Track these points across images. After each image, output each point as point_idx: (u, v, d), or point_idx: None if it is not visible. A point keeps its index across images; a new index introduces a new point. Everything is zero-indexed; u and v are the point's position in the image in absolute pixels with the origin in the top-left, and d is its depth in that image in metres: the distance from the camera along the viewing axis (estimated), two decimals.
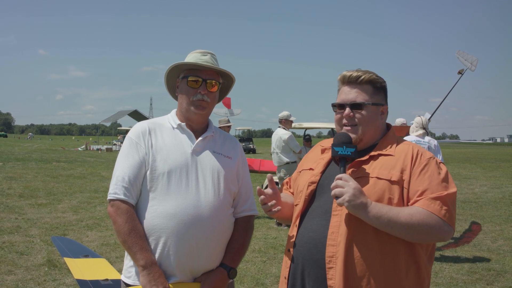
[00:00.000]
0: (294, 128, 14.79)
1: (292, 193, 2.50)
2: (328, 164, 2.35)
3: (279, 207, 2.27)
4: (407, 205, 2.05)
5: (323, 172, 2.32)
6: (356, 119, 2.23)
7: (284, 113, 10.07)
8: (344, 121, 2.26)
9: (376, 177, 2.11)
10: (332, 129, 15.75)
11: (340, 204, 2.04)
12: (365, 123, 2.23)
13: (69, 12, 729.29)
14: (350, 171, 2.19)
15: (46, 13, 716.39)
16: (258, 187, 2.31)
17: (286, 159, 9.70)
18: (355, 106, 2.23)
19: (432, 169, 2.09)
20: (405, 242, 2.04)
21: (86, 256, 4.08)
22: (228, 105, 18.57)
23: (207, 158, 2.50)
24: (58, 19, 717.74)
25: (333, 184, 2.08)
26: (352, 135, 2.24)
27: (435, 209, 1.99)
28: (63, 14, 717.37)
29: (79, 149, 46.63)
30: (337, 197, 2.04)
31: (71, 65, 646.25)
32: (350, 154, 2.19)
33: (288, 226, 9.61)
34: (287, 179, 2.68)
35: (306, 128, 16.32)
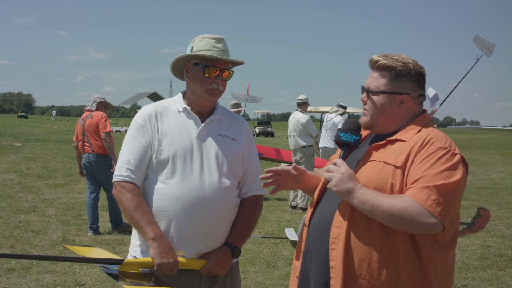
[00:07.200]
0: (311, 112, 14.73)
1: None
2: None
3: (275, 186, 2.38)
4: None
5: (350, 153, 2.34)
6: (366, 105, 2.24)
7: (302, 97, 10.04)
8: (362, 103, 2.28)
9: (384, 162, 2.07)
10: (349, 113, 15.64)
11: (330, 188, 2.09)
12: (374, 110, 2.20)
13: None
14: (365, 154, 2.19)
15: None
16: (266, 169, 2.35)
17: (302, 143, 9.66)
18: (368, 91, 2.22)
19: (437, 159, 1.96)
20: (406, 233, 1.99)
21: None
22: (247, 90, 18.64)
23: (212, 142, 2.53)
24: (78, 0, 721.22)
25: (327, 168, 2.13)
26: (363, 118, 2.25)
27: (421, 198, 1.89)
28: None
29: None
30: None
31: (91, 46, 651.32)
32: (353, 142, 2.21)
33: (302, 209, 9.55)
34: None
35: (323, 112, 16.28)
